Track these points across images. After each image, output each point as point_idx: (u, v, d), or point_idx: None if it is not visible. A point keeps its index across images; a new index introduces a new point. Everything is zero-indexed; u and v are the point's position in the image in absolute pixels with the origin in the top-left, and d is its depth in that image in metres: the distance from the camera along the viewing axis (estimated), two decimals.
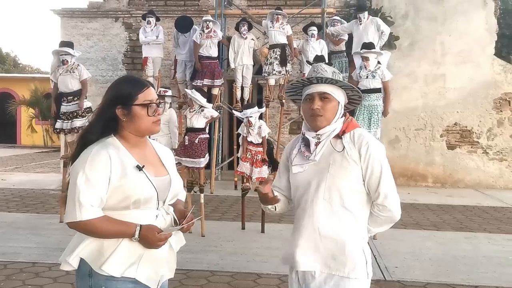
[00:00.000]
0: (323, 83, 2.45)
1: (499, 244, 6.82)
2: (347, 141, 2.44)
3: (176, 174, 2.43)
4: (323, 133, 2.45)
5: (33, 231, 6.95)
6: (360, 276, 2.39)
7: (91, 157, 2.16)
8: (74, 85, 7.88)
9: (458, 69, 12.14)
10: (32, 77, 25.18)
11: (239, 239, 6.75)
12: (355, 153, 2.40)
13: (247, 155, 7.30)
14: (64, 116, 7.87)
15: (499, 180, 12.19)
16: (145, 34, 10.58)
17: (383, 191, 2.40)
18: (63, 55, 7.92)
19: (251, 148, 7.33)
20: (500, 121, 12.15)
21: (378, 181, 2.39)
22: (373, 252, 6.11)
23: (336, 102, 2.46)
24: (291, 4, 12.61)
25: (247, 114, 7.25)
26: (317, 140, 2.45)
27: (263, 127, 7.32)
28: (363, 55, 7.77)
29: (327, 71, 2.45)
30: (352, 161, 2.39)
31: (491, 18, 12.12)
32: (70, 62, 7.89)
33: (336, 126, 2.46)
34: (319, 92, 2.44)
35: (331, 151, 2.44)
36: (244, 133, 7.35)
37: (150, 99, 2.27)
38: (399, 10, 12.27)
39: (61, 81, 7.89)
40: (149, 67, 10.61)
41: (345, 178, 2.39)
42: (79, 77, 7.91)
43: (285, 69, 10.07)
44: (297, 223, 2.50)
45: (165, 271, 2.32)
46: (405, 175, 12.15)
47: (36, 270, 5.27)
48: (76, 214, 2.11)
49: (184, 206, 2.48)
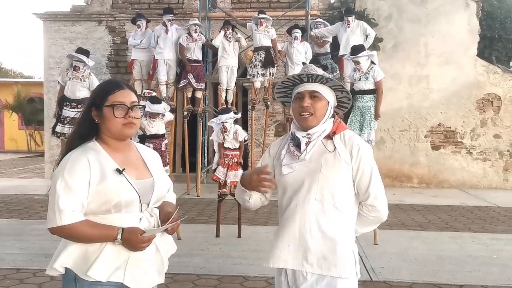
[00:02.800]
0: (313, 81, 2.47)
1: (484, 243, 6.88)
2: (338, 142, 2.46)
3: (162, 176, 2.41)
4: (314, 133, 2.45)
5: (17, 237, 6.87)
6: (351, 276, 2.42)
7: (70, 162, 2.16)
8: (82, 93, 7.94)
9: (442, 70, 12.24)
10: (15, 82, 24.93)
11: (226, 242, 6.73)
12: (347, 154, 2.42)
13: (224, 160, 7.23)
14: (65, 121, 7.88)
15: (483, 180, 12.30)
16: (133, 37, 10.54)
17: (373, 192, 2.43)
18: (76, 61, 7.95)
19: (227, 153, 7.24)
20: (483, 122, 12.26)
21: (368, 182, 2.43)
22: (360, 253, 6.11)
23: (326, 101, 2.47)
24: (275, 6, 12.63)
25: (222, 120, 7.17)
26: (308, 139, 2.46)
27: (239, 132, 7.22)
28: (354, 60, 7.78)
29: (317, 71, 2.47)
30: (343, 161, 2.41)
31: (473, 20, 12.24)
32: (81, 70, 7.94)
33: (326, 127, 2.47)
34: (309, 91, 2.46)
35: (323, 152, 2.45)
36: (220, 140, 7.25)
37: (120, 101, 2.24)
38: (382, 12, 12.34)
39: (70, 87, 7.94)
40: (135, 70, 10.57)
41: (337, 178, 2.41)
42: (89, 87, 7.97)
43: (270, 72, 10.08)
44: (286, 223, 2.48)
45: (154, 275, 2.30)
46: (390, 176, 12.21)
47: (21, 277, 5.20)
48: (57, 220, 2.10)
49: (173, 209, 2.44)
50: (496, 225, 8.06)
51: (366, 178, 2.42)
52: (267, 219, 7.96)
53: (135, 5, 13.11)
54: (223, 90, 10.36)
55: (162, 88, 10.45)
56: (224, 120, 7.09)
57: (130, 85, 2.58)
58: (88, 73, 8.13)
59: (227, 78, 10.27)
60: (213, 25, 12.28)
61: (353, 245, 2.48)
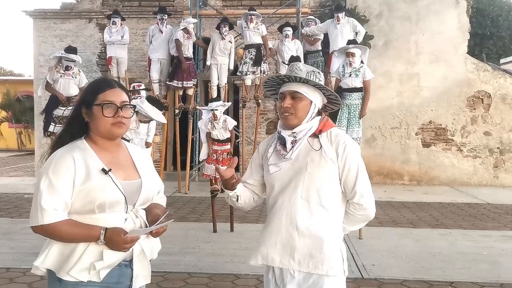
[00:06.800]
0: (296, 81, 2.46)
1: (474, 240, 6.91)
2: (324, 140, 2.45)
3: (151, 177, 2.37)
4: (300, 131, 2.46)
5: (7, 236, 6.83)
6: (338, 274, 2.42)
7: (55, 160, 2.14)
8: (74, 90, 7.99)
9: (432, 68, 12.29)
10: (4, 80, 24.76)
11: (217, 241, 6.72)
12: (333, 152, 2.42)
13: (213, 156, 7.19)
14: (58, 120, 7.86)
15: (473, 177, 12.36)
16: (110, 34, 10.51)
17: (360, 190, 2.43)
18: (67, 60, 7.95)
19: (216, 148, 7.19)
20: (473, 119, 12.32)
21: (355, 180, 2.42)
22: (350, 251, 6.14)
23: (309, 101, 2.47)
24: (266, 4, 12.61)
25: (212, 107, 7.12)
26: (293, 138, 2.46)
27: (228, 120, 7.20)
28: (349, 51, 7.72)
29: (301, 71, 2.46)
30: (329, 160, 2.41)
31: (463, 17, 12.29)
32: (73, 68, 7.99)
33: (312, 125, 2.47)
34: (290, 91, 2.47)
35: (309, 150, 2.45)
36: (208, 128, 7.19)
37: (109, 100, 2.22)
38: (373, 9, 12.36)
39: (62, 84, 7.95)
40: (113, 67, 10.61)
41: (323, 176, 2.41)
42: (79, 84, 8.00)
43: (260, 69, 10.08)
44: (273, 221, 2.49)
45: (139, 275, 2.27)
46: (381, 174, 12.25)
47: (10, 276, 5.18)
48: (38, 218, 2.08)
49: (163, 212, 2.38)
50: (486, 222, 8.11)
51: (353, 176, 2.42)
52: (258, 216, 7.95)
53: (125, 2, 13.05)
54: (214, 87, 10.36)
55: (155, 87, 10.45)
56: (215, 108, 7.04)
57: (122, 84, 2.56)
58: (78, 70, 8.15)
59: (217, 74, 10.27)
60: (204, 23, 12.26)
61: (340, 243, 2.48)
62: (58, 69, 8.12)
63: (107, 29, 10.69)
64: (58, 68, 8.13)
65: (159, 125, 9.38)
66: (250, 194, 2.66)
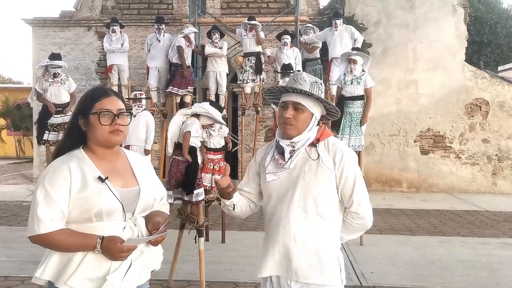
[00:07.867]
0: (299, 92, 2.44)
1: (472, 247, 6.91)
2: (321, 149, 2.44)
3: (150, 184, 2.35)
4: (298, 141, 2.44)
5: (5, 244, 6.82)
6: (336, 283, 2.41)
7: (51, 170, 2.16)
8: (66, 97, 7.95)
9: (430, 75, 12.33)
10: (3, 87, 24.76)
11: (216, 248, 6.71)
12: (330, 161, 2.41)
13: (208, 166, 7.10)
14: (52, 128, 7.83)
15: (472, 184, 12.38)
16: (109, 43, 10.53)
17: (357, 199, 2.42)
18: (54, 67, 7.92)
19: (212, 157, 7.11)
20: (471, 126, 12.35)
21: (352, 189, 2.41)
22: (349, 258, 6.14)
23: (310, 113, 2.45)
24: (264, 12, 12.67)
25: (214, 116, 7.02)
26: (292, 148, 2.44)
27: (223, 127, 7.13)
28: (351, 57, 7.70)
29: (306, 82, 2.43)
30: (326, 169, 2.40)
31: (460, 25, 12.34)
32: (60, 74, 7.95)
33: (310, 135, 2.46)
34: (293, 102, 2.44)
35: (306, 159, 2.44)
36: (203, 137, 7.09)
37: (106, 108, 2.22)
38: (371, 17, 12.42)
39: (53, 92, 7.89)
40: (113, 75, 10.61)
41: (320, 185, 2.40)
42: (69, 89, 7.97)
43: (260, 77, 10.09)
44: (271, 231, 2.48)
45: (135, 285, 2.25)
46: (380, 181, 12.26)
47: (8, 284, 5.16)
48: (34, 228, 2.09)
49: None
50: (484, 229, 8.11)
51: (350, 184, 2.41)
52: (257, 224, 7.95)
53: (124, 10, 13.10)
54: (212, 95, 10.37)
55: (153, 94, 10.47)
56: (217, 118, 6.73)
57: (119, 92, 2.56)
58: (65, 76, 8.11)
59: (216, 82, 10.29)
60: (203, 31, 12.29)
61: (338, 252, 2.47)
62: (46, 78, 8.01)
63: (106, 37, 10.69)
64: (46, 77, 8.02)
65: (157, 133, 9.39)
66: (247, 202, 2.66)
